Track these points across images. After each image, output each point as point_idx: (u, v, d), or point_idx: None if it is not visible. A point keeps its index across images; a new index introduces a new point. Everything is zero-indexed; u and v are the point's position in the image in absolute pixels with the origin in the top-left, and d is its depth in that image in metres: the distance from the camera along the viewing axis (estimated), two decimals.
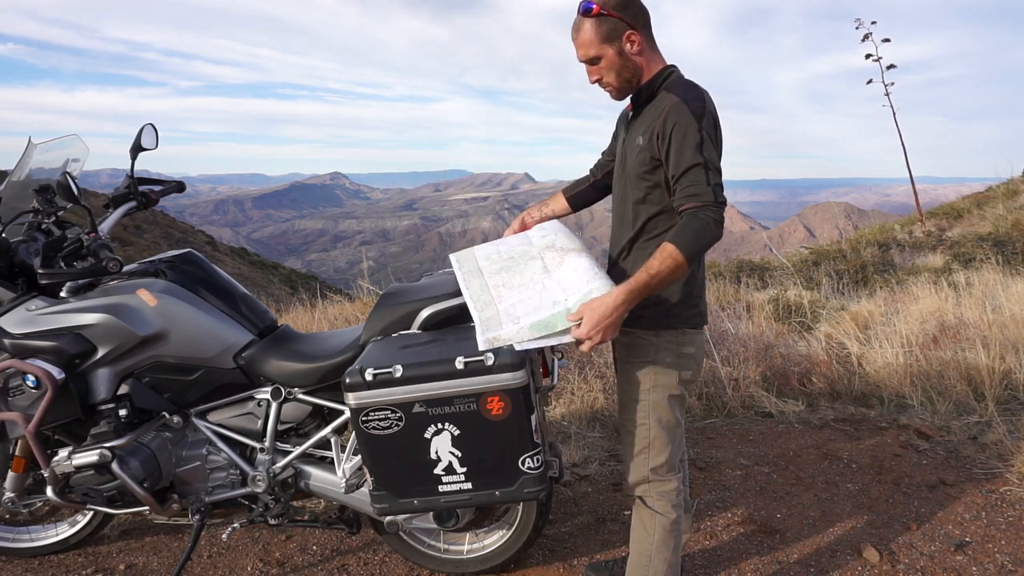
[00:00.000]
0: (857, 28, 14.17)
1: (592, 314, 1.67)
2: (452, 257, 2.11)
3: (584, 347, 1.71)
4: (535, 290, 1.83)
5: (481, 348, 1.75)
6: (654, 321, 1.88)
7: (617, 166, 1.99)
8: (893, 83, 14.20)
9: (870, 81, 14.32)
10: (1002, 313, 4.88)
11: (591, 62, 1.84)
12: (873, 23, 14.06)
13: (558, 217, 2.24)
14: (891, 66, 14.13)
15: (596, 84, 1.87)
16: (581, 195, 2.24)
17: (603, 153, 2.19)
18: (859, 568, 2.48)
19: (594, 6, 1.77)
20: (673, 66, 1.87)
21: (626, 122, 1.97)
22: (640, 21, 1.80)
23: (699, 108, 1.72)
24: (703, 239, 1.68)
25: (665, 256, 1.67)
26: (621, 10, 1.77)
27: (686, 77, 1.84)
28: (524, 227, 2.22)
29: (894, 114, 14.14)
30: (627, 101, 1.94)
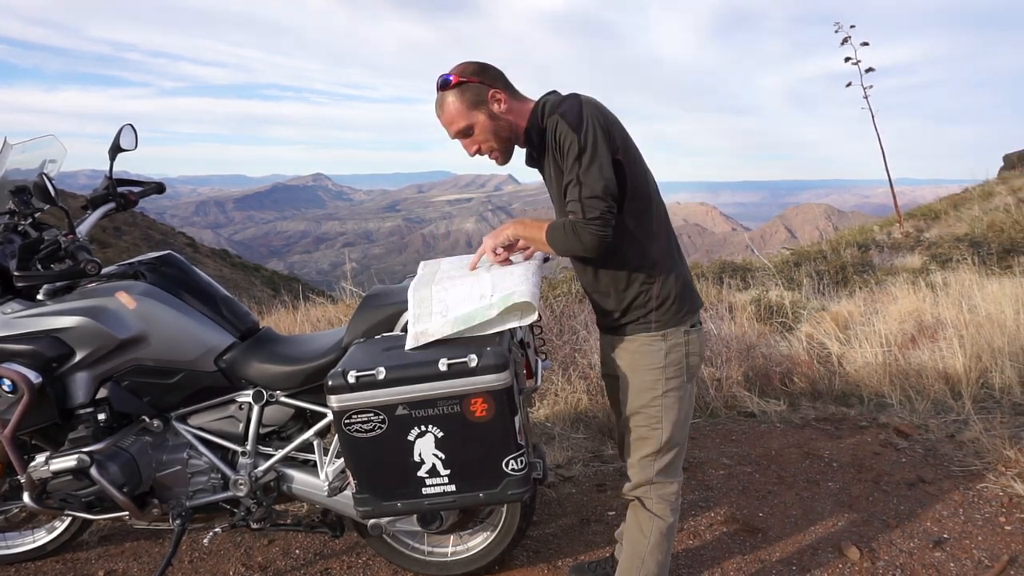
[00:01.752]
0: (836, 32, 14.32)
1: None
2: (420, 264, 2.16)
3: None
4: (468, 281, 1.91)
5: (409, 347, 1.80)
6: (662, 322, 1.86)
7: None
8: (872, 86, 14.35)
9: (849, 84, 14.47)
10: (978, 313, 4.95)
11: (464, 134, 1.81)
12: (852, 27, 14.21)
13: None
14: (869, 69, 14.29)
15: (477, 155, 1.85)
16: None
17: None
18: (840, 565, 2.51)
19: (452, 77, 1.77)
20: (548, 94, 1.85)
21: (538, 167, 1.92)
22: (500, 80, 1.81)
23: (575, 120, 1.69)
24: (568, 246, 1.74)
25: (543, 230, 1.77)
26: (480, 74, 1.79)
27: (565, 93, 1.82)
28: None
29: (872, 117, 14.29)
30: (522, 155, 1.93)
